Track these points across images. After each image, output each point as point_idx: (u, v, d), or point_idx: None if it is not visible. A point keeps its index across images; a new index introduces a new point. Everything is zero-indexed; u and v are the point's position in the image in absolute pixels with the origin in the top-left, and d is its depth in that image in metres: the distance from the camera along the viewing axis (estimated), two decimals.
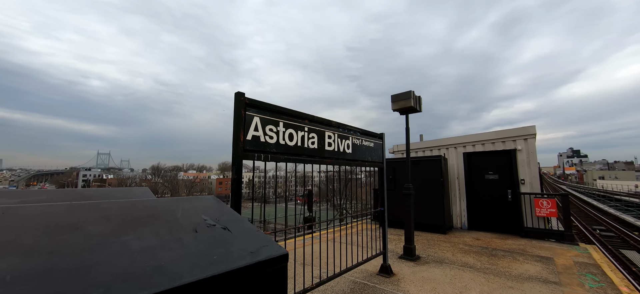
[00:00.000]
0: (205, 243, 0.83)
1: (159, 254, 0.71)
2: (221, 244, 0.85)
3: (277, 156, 2.95)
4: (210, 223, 0.97)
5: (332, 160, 3.72)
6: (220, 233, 0.92)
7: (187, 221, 0.95)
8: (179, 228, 0.89)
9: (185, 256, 0.74)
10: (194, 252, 0.77)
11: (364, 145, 4.46)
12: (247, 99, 2.69)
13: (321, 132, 3.57)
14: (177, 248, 0.77)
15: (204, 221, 0.98)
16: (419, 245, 6.63)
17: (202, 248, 0.80)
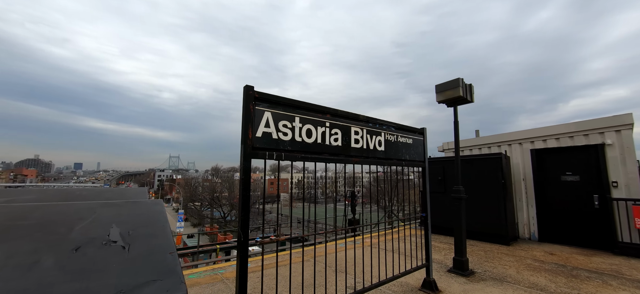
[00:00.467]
0: (65, 270, 0.58)
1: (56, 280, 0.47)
2: (89, 274, 0.58)
3: (292, 155, 2.68)
4: (111, 239, 0.72)
5: (360, 158, 3.31)
6: (108, 255, 0.66)
7: (82, 234, 0.71)
8: (56, 244, 0.65)
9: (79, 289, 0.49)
10: (29, 287, 0.51)
11: (400, 141, 3.93)
12: (256, 93, 2.47)
13: (346, 127, 3.20)
14: (14, 276, 0.52)
15: (107, 235, 0.73)
16: (474, 257, 5.73)
17: (50, 279, 0.54)
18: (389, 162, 3.73)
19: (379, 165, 3.61)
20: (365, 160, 3.39)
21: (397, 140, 3.88)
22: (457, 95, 4.69)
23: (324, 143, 2.96)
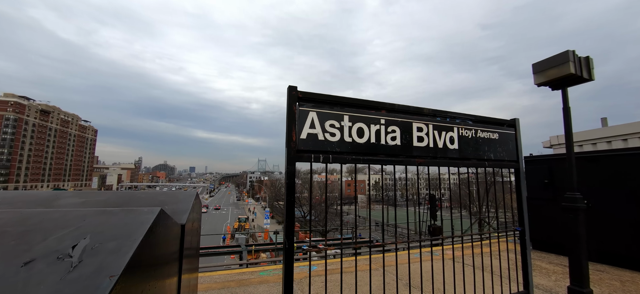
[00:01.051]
0: None
1: None
2: None
3: (341, 157, 2.46)
4: (69, 254, 0.66)
5: (425, 159, 2.83)
6: (48, 273, 0.59)
7: (48, 245, 0.68)
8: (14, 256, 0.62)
9: None
10: None
11: (480, 137, 3.23)
12: (299, 93, 2.35)
13: (406, 123, 2.78)
14: None
15: (71, 248, 0.68)
16: (604, 288, 4.29)
17: None
18: (465, 163, 3.09)
19: (451, 166, 3.02)
20: (433, 161, 2.89)
21: (475, 136, 3.19)
22: (565, 73, 3.59)
23: (379, 142, 2.63)
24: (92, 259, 0.65)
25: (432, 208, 14.92)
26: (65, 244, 0.70)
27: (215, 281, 4.62)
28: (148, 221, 0.86)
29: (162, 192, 2.00)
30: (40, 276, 0.58)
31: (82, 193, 1.73)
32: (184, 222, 1.49)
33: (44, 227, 0.77)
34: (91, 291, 0.55)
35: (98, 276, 0.59)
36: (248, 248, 12.79)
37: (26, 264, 0.61)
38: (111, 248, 0.70)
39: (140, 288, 0.72)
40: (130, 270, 0.65)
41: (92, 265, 0.63)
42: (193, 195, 2.02)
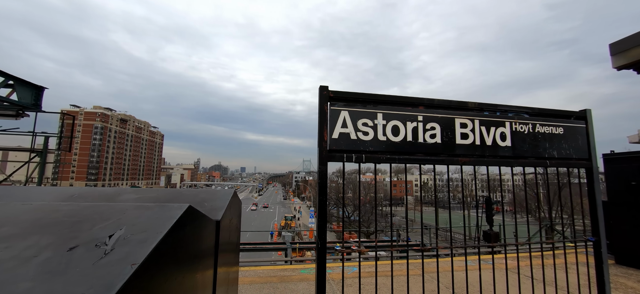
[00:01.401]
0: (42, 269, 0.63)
1: None
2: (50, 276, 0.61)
3: (375, 156, 2.38)
4: (105, 242, 0.75)
5: (471, 157, 2.60)
6: (87, 257, 0.68)
7: (91, 234, 0.78)
8: (63, 243, 0.73)
9: None
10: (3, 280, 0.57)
11: (540, 132, 2.85)
12: (331, 92, 2.35)
13: (447, 119, 2.58)
14: (4, 268, 0.60)
15: (108, 237, 0.78)
16: None
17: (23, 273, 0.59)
18: (520, 162, 2.75)
19: (502, 165, 2.71)
20: (480, 160, 2.63)
21: (533, 131, 2.82)
22: None
23: (416, 141, 2.48)
24: (122, 248, 0.73)
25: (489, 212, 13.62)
26: (104, 234, 0.80)
27: (259, 276, 4.85)
28: (175, 216, 0.93)
29: (203, 190, 2.15)
30: (79, 261, 0.67)
31: (140, 190, 1.96)
32: (219, 218, 1.59)
33: (92, 218, 0.89)
34: (114, 275, 0.62)
35: (123, 263, 0.67)
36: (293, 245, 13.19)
37: (71, 249, 0.71)
38: (140, 239, 0.78)
39: (163, 277, 0.78)
40: (152, 260, 0.72)
41: (121, 253, 0.71)
42: (230, 193, 2.14)
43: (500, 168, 2.74)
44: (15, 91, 5.65)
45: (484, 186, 68.68)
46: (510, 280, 3.08)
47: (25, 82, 5.73)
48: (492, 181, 44.34)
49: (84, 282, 0.60)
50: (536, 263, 5.30)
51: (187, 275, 0.98)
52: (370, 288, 4.31)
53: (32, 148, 10.08)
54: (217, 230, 1.56)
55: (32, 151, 10.02)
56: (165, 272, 0.79)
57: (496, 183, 48.54)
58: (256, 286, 4.37)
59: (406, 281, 2.39)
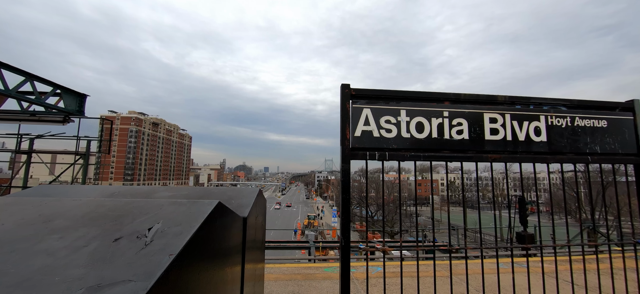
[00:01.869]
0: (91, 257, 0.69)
1: (31, 262, 0.64)
2: (99, 263, 0.66)
3: (399, 154, 2.34)
4: (145, 234, 0.81)
5: (502, 154, 2.47)
6: (130, 247, 0.74)
7: (132, 227, 0.85)
8: (108, 234, 0.80)
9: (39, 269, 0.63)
10: (57, 266, 0.64)
11: (579, 126, 2.65)
12: (352, 90, 2.34)
13: (475, 114, 2.48)
14: (59, 256, 0.67)
15: (148, 230, 0.84)
16: None
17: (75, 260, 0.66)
18: (557, 158, 2.57)
19: (537, 162, 2.55)
20: (512, 157, 2.49)
21: (572, 124, 2.63)
22: None
23: (442, 137, 2.40)
24: (161, 240, 0.79)
25: (522, 213, 12.81)
26: (144, 226, 0.86)
27: (283, 273, 4.94)
28: (206, 212, 0.98)
29: (230, 189, 2.23)
30: (123, 250, 0.73)
31: (172, 188, 2.08)
32: (246, 215, 1.64)
33: (132, 213, 0.96)
34: (154, 264, 0.66)
35: (161, 253, 0.72)
36: (316, 244, 13.26)
37: (116, 240, 0.78)
38: (175, 232, 0.83)
39: (198, 267, 0.83)
40: (187, 251, 0.77)
41: (160, 244, 0.76)
42: (256, 192, 2.21)
43: (535, 165, 2.58)
44: (62, 99, 6.22)
45: (516, 185, 64.74)
46: (547, 285, 2.87)
47: (70, 90, 6.29)
48: (526, 179, 41.58)
49: (128, 270, 0.65)
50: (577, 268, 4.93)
51: (218, 266, 1.03)
52: (395, 288, 4.24)
53: (76, 151, 10.98)
54: (245, 226, 1.61)
55: (76, 154, 10.92)
56: (198, 262, 0.84)
57: (530, 182, 45.59)
58: (281, 283, 4.46)
59: (433, 282, 2.32)
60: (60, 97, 6.14)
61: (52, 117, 6.52)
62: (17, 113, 6.44)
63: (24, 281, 0.59)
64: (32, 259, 0.68)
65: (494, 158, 2.46)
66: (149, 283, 0.60)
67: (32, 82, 5.47)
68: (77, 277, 0.62)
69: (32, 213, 0.93)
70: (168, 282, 0.65)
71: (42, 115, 6.43)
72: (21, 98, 5.39)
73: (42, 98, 5.69)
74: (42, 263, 0.66)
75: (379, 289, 4.16)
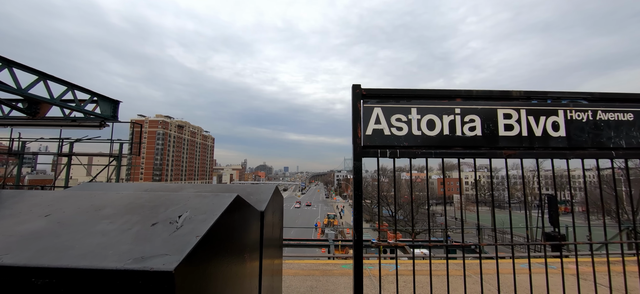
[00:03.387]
0: (135, 236, 0.84)
1: (90, 240, 0.80)
2: (141, 242, 0.82)
3: (410, 151, 2.39)
4: (176, 220, 0.97)
5: (517, 150, 2.46)
6: (164, 231, 0.89)
7: (165, 215, 1.01)
8: (147, 220, 0.96)
9: (97, 245, 0.79)
10: (111, 243, 0.80)
11: (602, 120, 2.56)
12: (363, 90, 2.42)
13: (488, 110, 2.48)
14: (111, 236, 0.84)
15: (178, 217, 0.99)
16: None
17: (124, 239, 0.82)
18: (577, 154, 2.51)
19: (555, 158, 2.51)
20: (528, 153, 2.47)
21: (594, 118, 2.55)
22: None
23: (454, 134, 2.43)
24: (189, 225, 0.93)
25: (553, 212, 12.15)
26: (175, 214, 1.01)
27: (302, 269, 5.10)
28: (226, 203, 1.13)
29: (250, 185, 2.40)
30: (160, 232, 0.88)
31: (197, 185, 2.27)
32: (263, 209, 1.79)
33: (165, 204, 1.12)
34: (185, 243, 0.81)
35: (190, 235, 0.86)
36: (335, 242, 13.36)
37: (154, 225, 0.93)
38: (201, 219, 0.98)
39: (219, 248, 0.97)
40: (210, 233, 0.91)
41: (188, 228, 0.91)
42: (272, 189, 2.36)
43: (553, 161, 2.53)
44: (98, 105, 6.79)
45: (548, 183, 61.05)
46: (570, 285, 2.78)
47: (105, 97, 6.86)
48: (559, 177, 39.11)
49: (164, 247, 0.80)
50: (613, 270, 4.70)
51: (237, 250, 1.18)
52: (410, 285, 4.25)
53: (110, 153, 11.82)
54: (262, 219, 1.76)
55: (110, 156, 11.75)
56: (220, 244, 0.98)
57: (563, 180, 42.76)
58: (300, 278, 4.61)
59: (446, 280, 2.36)
60: (96, 103, 6.72)
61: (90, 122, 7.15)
62: (60, 120, 7.13)
63: (87, 253, 0.76)
64: (90, 237, 0.84)
65: (509, 154, 2.44)
66: (181, 257, 0.74)
67: (73, 91, 6.05)
68: (126, 251, 0.77)
69: (86, 204, 1.11)
70: (196, 257, 0.79)
71: (82, 121, 7.07)
72: (64, 106, 5.97)
73: (81, 105, 6.28)
74: (99, 241, 0.83)
75: (394, 287, 4.20)
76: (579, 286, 2.44)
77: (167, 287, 0.67)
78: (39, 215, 1.01)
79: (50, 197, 1.21)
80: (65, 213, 1.02)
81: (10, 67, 4.96)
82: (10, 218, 0.97)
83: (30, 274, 0.69)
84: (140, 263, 0.71)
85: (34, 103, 5.99)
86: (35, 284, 0.69)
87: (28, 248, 0.78)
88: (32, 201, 1.15)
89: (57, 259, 0.72)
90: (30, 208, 1.07)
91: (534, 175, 45.33)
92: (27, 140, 12.64)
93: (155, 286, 0.67)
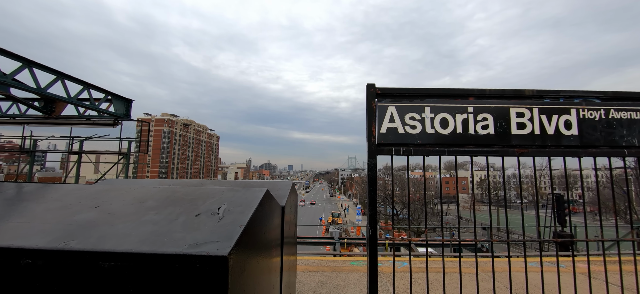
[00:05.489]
0: (183, 225, 0.91)
1: (143, 228, 0.88)
2: (191, 231, 0.89)
3: (424, 149, 2.44)
4: (217, 212, 1.04)
5: (529, 148, 2.49)
6: (209, 221, 0.96)
7: (206, 207, 1.08)
8: (190, 211, 1.03)
9: (151, 233, 0.87)
10: (163, 231, 0.87)
11: (615, 118, 2.58)
12: (378, 89, 2.48)
13: (501, 109, 2.51)
14: (161, 225, 0.91)
15: (217, 209, 1.06)
16: None
17: (173, 228, 0.89)
18: (590, 152, 2.53)
19: (567, 156, 2.53)
20: (540, 151, 2.50)
21: (607, 117, 2.57)
22: None
23: (467, 132, 2.47)
24: (230, 216, 1.00)
25: (560, 212, 12.07)
26: (214, 206, 1.08)
27: (312, 265, 5.18)
28: (260, 196, 1.20)
29: (268, 181, 2.47)
30: (205, 222, 0.95)
31: (217, 181, 2.35)
32: (283, 204, 1.86)
33: (202, 197, 1.20)
34: (231, 231, 0.88)
35: (233, 225, 0.93)
36: (341, 240, 13.44)
37: (197, 216, 1.01)
38: (239, 210, 1.05)
39: (257, 236, 1.04)
40: (250, 223, 0.98)
41: (230, 219, 0.98)
42: (289, 184, 2.43)
43: (565, 159, 2.56)
44: (112, 104, 6.95)
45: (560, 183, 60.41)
46: (584, 285, 2.79)
47: (119, 96, 7.02)
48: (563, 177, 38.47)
49: (213, 234, 0.87)
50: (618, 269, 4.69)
51: (267, 240, 1.25)
52: (421, 282, 4.30)
53: (119, 151, 12.03)
54: (283, 214, 1.83)
55: (119, 154, 11.96)
56: (257, 233, 1.05)
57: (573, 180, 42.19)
58: (310, 274, 4.69)
59: (459, 278, 2.41)
60: (110, 102, 6.88)
61: (104, 120, 7.31)
62: (75, 118, 7.30)
63: (145, 239, 0.83)
64: (142, 226, 0.92)
65: (521, 152, 2.48)
66: (231, 243, 0.81)
67: (89, 90, 6.21)
68: (179, 238, 0.85)
69: (128, 197, 1.19)
70: (241, 244, 0.86)
71: (96, 119, 7.24)
72: (79, 105, 6.13)
73: (96, 104, 6.43)
74: (151, 229, 0.90)
75: (405, 283, 4.26)
76: (590, 284, 2.47)
77: (222, 270, 0.74)
78: (89, 206, 1.08)
79: (91, 191, 1.29)
80: (113, 205, 1.10)
81: (31, 67, 5.12)
82: (64, 209, 1.05)
83: (97, 258, 0.77)
84: (196, 248, 0.78)
85: (50, 102, 6.16)
86: (101, 267, 0.77)
87: (90, 235, 0.85)
88: (76, 194, 1.23)
89: (120, 245, 0.80)
90: (78, 200, 1.15)
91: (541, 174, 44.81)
92: (38, 138, 12.92)
93: (211, 269, 0.74)
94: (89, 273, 0.76)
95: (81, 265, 0.77)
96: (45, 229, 0.87)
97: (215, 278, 0.73)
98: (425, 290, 3.93)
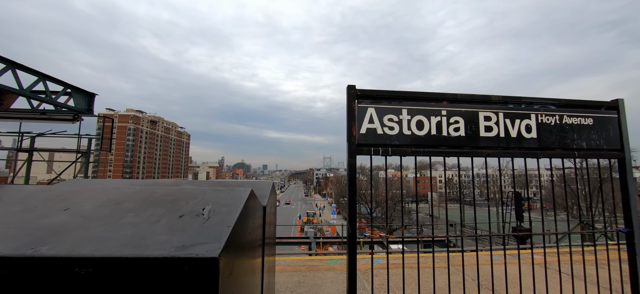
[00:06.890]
0: (168, 227, 0.88)
1: (123, 231, 0.83)
2: (177, 232, 0.86)
3: (401, 149, 2.54)
4: (202, 213, 1.01)
5: (495, 149, 2.68)
6: (194, 222, 0.93)
7: (189, 208, 1.04)
8: (173, 213, 0.99)
9: (132, 236, 0.83)
10: (145, 234, 0.83)
11: (567, 123, 2.86)
12: (358, 91, 2.53)
13: (470, 113, 2.68)
14: (143, 227, 0.87)
15: (202, 210, 1.03)
16: None
17: (156, 230, 0.85)
18: (547, 153, 2.78)
19: (527, 157, 2.76)
20: (505, 152, 2.70)
21: (560, 122, 2.84)
22: None
23: (440, 134, 2.61)
24: (216, 217, 0.98)
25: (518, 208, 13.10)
26: (198, 207, 1.05)
27: (289, 265, 5.16)
28: (245, 197, 1.18)
29: (248, 181, 2.43)
30: (191, 224, 0.92)
31: (194, 181, 2.27)
32: (265, 204, 1.84)
33: (185, 197, 1.15)
34: (219, 232, 0.86)
35: (221, 226, 0.91)
36: (317, 240, 13.48)
37: (181, 217, 0.97)
38: (225, 211, 1.03)
39: (244, 237, 1.03)
40: (237, 224, 0.96)
41: (217, 220, 0.96)
42: (270, 185, 2.40)
43: (526, 159, 2.79)
44: (72, 98, 6.38)
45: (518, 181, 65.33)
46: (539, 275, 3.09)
47: (80, 89, 6.46)
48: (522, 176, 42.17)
49: (200, 236, 0.85)
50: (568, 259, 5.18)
51: (251, 240, 1.23)
52: (396, 278, 4.46)
53: (78, 149, 11.11)
54: (264, 214, 1.81)
55: (78, 152, 11.05)
56: (244, 234, 1.04)
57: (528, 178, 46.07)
58: (287, 274, 4.67)
59: (432, 273, 2.53)
60: (69, 96, 6.31)
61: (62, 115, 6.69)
62: (27, 112, 6.61)
63: (126, 243, 0.79)
64: (122, 230, 0.87)
65: (488, 153, 2.66)
66: (221, 244, 0.80)
67: (45, 82, 5.64)
68: (164, 241, 0.81)
69: (102, 198, 1.12)
70: (230, 245, 0.85)
71: (53, 114, 6.60)
72: (33, 97, 5.55)
73: (53, 98, 5.86)
74: (132, 232, 0.86)
75: (381, 279, 4.38)
76: (546, 274, 2.72)
77: (213, 272, 0.73)
78: (58, 209, 1.00)
79: (58, 192, 1.19)
80: (85, 207, 1.03)
81: None
82: (28, 212, 0.97)
83: (72, 265, 0.72)
84: (184, 251, 0.76)
85: None
86: (78, 274, 0.72)
87: (63, 240, 0.79)
88: (40, 196, 1.13)
89: (98, 250, 0.75)
90: (43, 202, 1.06)
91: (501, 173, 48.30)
92: None
93: (201, 271, 0.73)
94: (64, 282, 0.71)
95: (54, 274, 0.71)
96: (8, 234, 0.79)
97: (205, 281, 0.72)
98: (400, 285, 4.09)
